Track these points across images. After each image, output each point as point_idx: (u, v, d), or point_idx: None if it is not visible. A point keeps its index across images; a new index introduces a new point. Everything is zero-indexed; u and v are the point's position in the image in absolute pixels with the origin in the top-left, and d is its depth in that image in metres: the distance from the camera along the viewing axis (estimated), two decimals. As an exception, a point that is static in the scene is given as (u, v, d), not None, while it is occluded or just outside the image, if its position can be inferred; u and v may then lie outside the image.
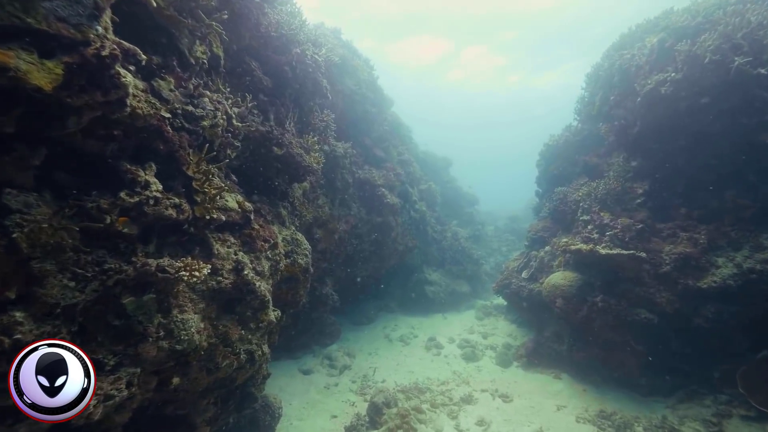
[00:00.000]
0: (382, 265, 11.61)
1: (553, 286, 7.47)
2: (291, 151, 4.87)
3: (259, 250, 4.16)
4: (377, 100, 10.76)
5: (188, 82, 2.82)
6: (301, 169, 5.11)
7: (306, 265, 5.35)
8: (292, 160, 4.91)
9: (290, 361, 8.95)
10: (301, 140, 5.24)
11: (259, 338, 4.05)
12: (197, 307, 3.22)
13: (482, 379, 8.40)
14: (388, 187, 10.59)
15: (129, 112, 2.14)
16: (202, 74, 3.21)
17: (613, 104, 7.12)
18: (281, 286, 5.15)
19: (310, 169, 5.18)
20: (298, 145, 5.05)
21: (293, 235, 5.33)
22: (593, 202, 7.39)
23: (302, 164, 5.02)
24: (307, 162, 5.07)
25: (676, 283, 6.28)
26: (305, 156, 5.07)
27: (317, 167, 5.31)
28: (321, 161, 5.47)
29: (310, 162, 5.11)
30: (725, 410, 5.96)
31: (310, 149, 5.29)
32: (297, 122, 6.00)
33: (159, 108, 2.47)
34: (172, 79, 2.69)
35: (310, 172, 5.30)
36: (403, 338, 10.76)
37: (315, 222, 8.20)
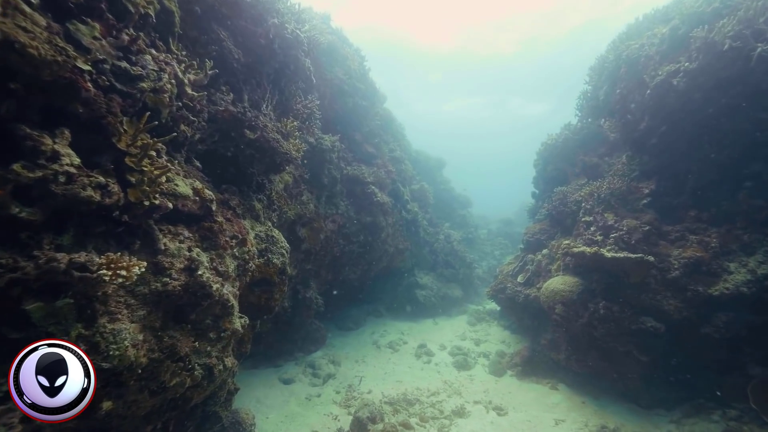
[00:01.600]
0: (372, 267, 11.04)
1: (553, 292, 6.97)
2: (266, 136, 4.30)
3: (222, 247, 3.57)
4: (368, 93, 10.22)
5: (122, 33, 2.25)
6: (278, 156, 4.53)
7: (282, 266, 4.76)
8: (267, 146, 4.34)
9: (270, 370, 8.32)
10: (279, 125, 4.67)
11: (221, 350, 3.45)
12: (135, 314, 2.63)
13: (475, 390, 7.88)
14: (379, 185, 10.04)
15: (19, 51, 1.57)
16: (147, 30, 2.64)
17: (619, 98, 6.68)
18: (253, 290, 4.56)
19: (289, 157, 4.61)
20: (274, 130, 4.48)
21: (269, 232, 4.75)
22: (596, 203, 6.93)
23: (279, 151, 4.44)
24: (285, 149, 4.50)
25: (686, 289, 5.82)
26: (282, 142, 4.50)
27: (297, 155, 4.74)
28: (301, 149, 4.90)
29: (288, 149, 4.54)
30: (735, 427, 5.51)
31: (288, 135, 4.72)
32: (277, 107, 5.42)
33: (73, 57, 1.89)
34: (98, 26, 2.12)
35: (288, 161, 4.72)
36: (392, 345, 10.19)
37: (298, 220, 7.61)
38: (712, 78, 5.28)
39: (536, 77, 39.39)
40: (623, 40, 6.91)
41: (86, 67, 1.99)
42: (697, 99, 5.66)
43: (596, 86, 7.36)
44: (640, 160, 6.82)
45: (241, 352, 4.88)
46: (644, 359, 6.43)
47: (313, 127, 6.30)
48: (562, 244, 6.71)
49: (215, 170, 4.53)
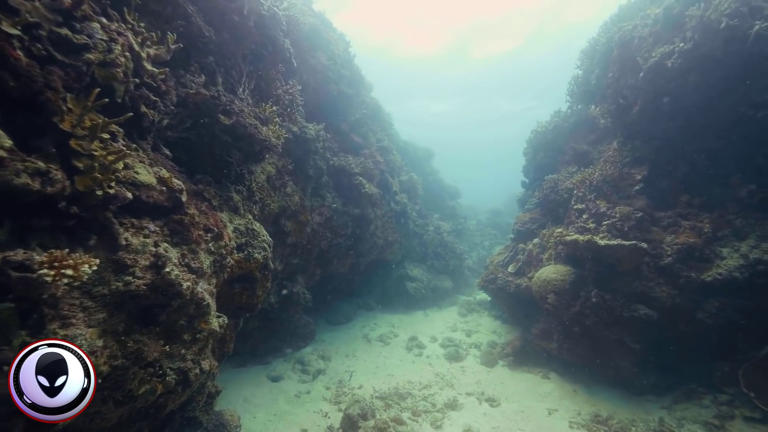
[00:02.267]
0: (361, 260, 10.82)
1: (545, 281, 6.86)
2: (242, 121, 4.00)
3: (195, 242, 3.29)
4: (354, 80, 9.88)
5: (61, -5, 1.95)
6: (257, 143, 4.24)
7: (265, 261, 4.50)
8: (244, 132, 4.04)
9: (258, 367, 8.08)
10: (257, 110, 4.36)
11: (197, 353, 3.20)
12: (93, 318, 2.35)
13: (467, 381, 7.77)
14: (367, 176, 9.77)
15: None
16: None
17: (611, 82, 6.52)
18: (233, 286, 4.29)
19: (268, 144, 4.31)
20: (251, 115, 4.18)
21: (249, 225, 4.47)
22: (588, 190, 6.80)
23: (257, 137, 4.15)
24: (264, 135, 4.20)
25: (678, 276, 5.75)
26: (261, 128, 4.20)
27: (276, 143, 4.44)
28: (282, 136, 4.60)
29: (267, 136, 4.24)
30: (727, 411, 5.49)
31: (267, 121, 4.42)
32: (255, 92, 5.11)
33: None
34: (29, -16, 1.82)
35: (267, 149, 4.43)
36: (382, 338, 10.03)
37: (283, 213, 7.32)
38: (708, 59, 5.14)
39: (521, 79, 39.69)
40: (615, 22, 6.73)
41: (14, 31, 1.68)
42: (692, 81, 5.52)
43: (587, 70, 7.19)
44: (633, 145, 6.70)
45: (224, 353, 4.63)
46: (636, 347, 6.39)
47: (295, 114, 5.99)
48: (555, 233, 6.58)
49: (189, 159, 4.22)
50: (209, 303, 3.26)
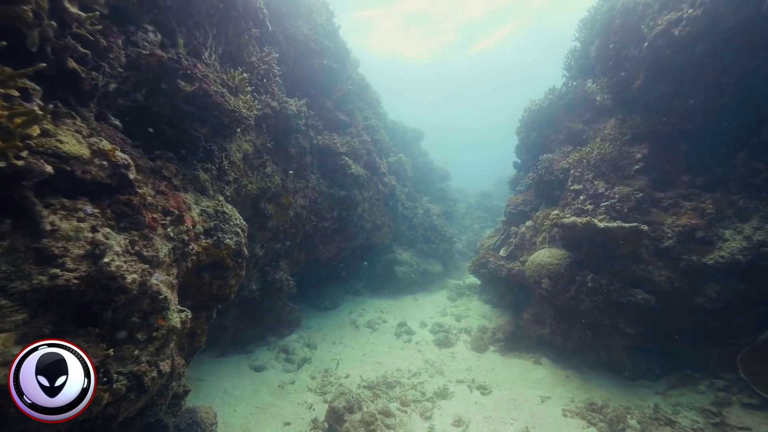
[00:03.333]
0: (348, 244, 10.43)
1: (539, 265, 6.58)
2: (206, 89, 3.48)
3: (149, 226, 2.83)
4: (339, 53, 9.25)
5: None
6: (225, 114, 3.73)
7: (237, 247, 4.05)
8: (209, 101, 3.53)
9: (240, 357, 7.73)
10: (225, 76, 3.84)
11: (154, 353, 2.78)
12: (8, 320, 1.91)
13: (457, 368, 7.57)
14: (353, 156, 9.28)
15: None
16: None
17: (612, 53, 6.11)
18: (201, 275, 3.85)
19: (238, 116, 3.81)
20: (217, 82, 3.66)
21: (219, 208, 4.00)
22: (585, 170, 6.47)
23: (224, 108, 3.64)
24: (233, 105, 3.70)
25: (679, 259, 5.51)
26: (229, 97, 3.69)
27: (248, 114, 3.94)
28: (255, 107, 4.10)
29: (236, 106, 3.74)
30: (724, 397, 5.36)
31: (237, 89, 3.90)
32: (224, 59, 4.55)
33: None
34: None
35: (238, 121, 3.93)
36: (370, 324, 9.76)
37: (263, 194, 6.83)
38: (718, 27, 4.76)
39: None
40: (618, -12, 6.28)
41: None
42: (700, 52, 5.15)
43: (586, 41, 6.75)
44: (633, 122, 6.35)
45: (194, 347, 4.22)
46: (631, 332, 6.20)
47: (272, 86, 5.44)
48: (551, 215, 6.26)
49: (147, 133, 3.71)
50: (167, 296, 2.83)
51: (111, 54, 2.87)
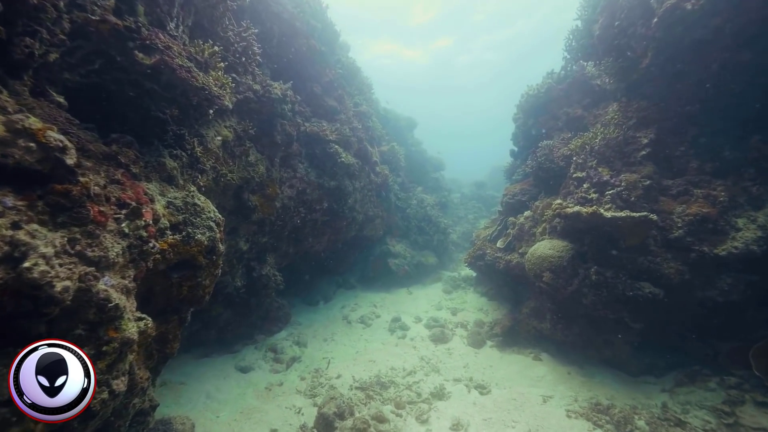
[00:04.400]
0: (339, 237, 10.00)
1: (539, 258, 6.24)
2: (168, 62, 3.00)
3: (96, 221, 2.38)
4: (327, 35, 8.72)
5: None
6: (193, 93, 3.26)
7: (211, 243, 3.61)
8: (173, 77, 3.05)
9: (225, 357, 7.32)
10: (192, 49, 3.35)
11: (105, 370, 2.36)
12: None
13: (454, 365, 7.26)
14: (343, 144, 8.81)
15: None
16: None
17: (618, 32, 5.71)
18: (169, 276, 3.41)
19: (209, 94, 3.34)
20: (182, 54, 3.18)
21: (189, 199, 3.55)
22: (588, 156, 6.10)
23: (192, 84, 3.17)
24: (201, 82, 3.22)
25: (689, 250, 5.20)
26: (197, 73, 3.21)
27: (220, 93, 3.47)
28: (228, 85, 3.62)
29: (205, 83, 3.26)
30: (737, 395, 5.09)
31: (208, 64, 3.43)
32: (196, 32, 4.05)
33: None
34: None
35: (209, 101, 3.45)
36: (363, 319, 9.41)
37: (246, 185, 6.36)
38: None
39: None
40: (625, -39, 5.85)
41: None
42: (714, 27, 4.76)
43: (589, 20, 6.34)
44: (638, 105, 5.98)
45: (165, 354, 3.80)
46: (636, 326, 5.91)
47: (252, 65, 4.95)
48: (553, 205, 5.90)
49: (103, 114, 3.23)
50: (119, 304, 2.40)
51: (45, 14, 2.38)
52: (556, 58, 9.07)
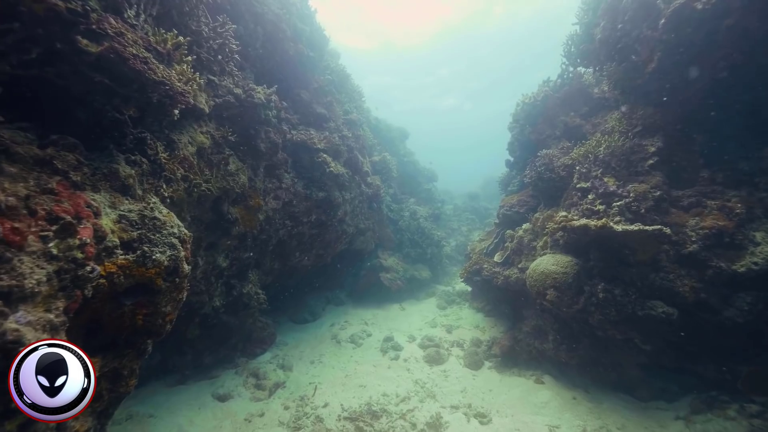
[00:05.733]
0: (328, 251, 9.49)
1: (542, 274, 5.81)
2: (119, 50, 2.54)
3: (8, 240, 1.87)
4: (316, 40, 8.35)
5: None
6: (151, 88, 2.79)
7: (173, 263, 3.10)
8: (126, 69, 2.58)
9: (202, 383, 6.69)
10: (151, 39, 2.89)
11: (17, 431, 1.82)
12: None
13: (451, 390, 6.74)
14: (333, 153, 8.37)
15: None
16: None
17: (622, 35, 5.42)
18: (120, 302, 2.88)
19: (169, 90, 2.87)
20: (139, 44, 2.71)
21: (147, 212, 3.04)
22: (593, 166, 5.74)
23: (149, 78, 2.70)
24: (161, 76, 2.75)
25: (705, 266, 4.81)
26: (155, 65, 2.74)
27: (185, 89, 3.00)
28: (197, 82, 3.17)
29: (166, 77, 2.79)
30: (761, 425, 4.66)
31: (171, 57, 2.97)
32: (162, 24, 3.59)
33: None
34: None
35: (172, 99, 2.98)
36: (354, 338, 8.85)
37: (225, 196, 5.86)
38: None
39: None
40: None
41: None
42: (726, 28, 4.47)
43: (590, 23, 6.05)
44: (644, 112, 5.66)
45: (119, 394, 3.22)
46: (646, 348, 5.48)
47: (230, 65, 4.50)
48: (557, 217, 5.50)
49: (44, 111, 2.74)
50: (35, 347, 1.87)
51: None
52: (531, 82, 8.82)
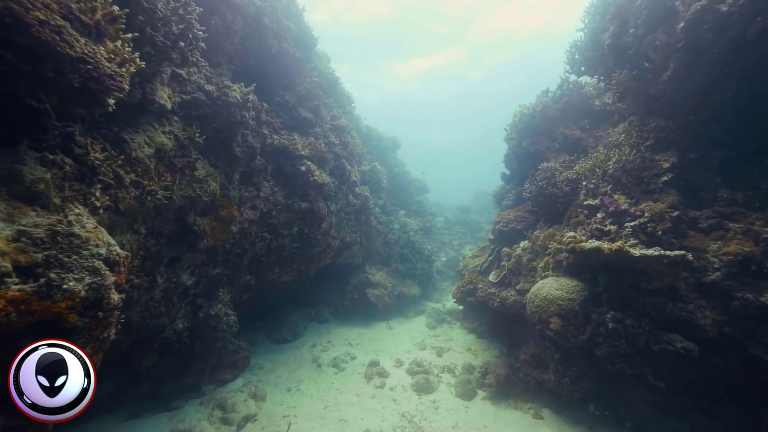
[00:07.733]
0: (311, 266, 8.80)
1: (545, 300, 5.22)
2: (17, 13, 1.90)
3: None
4: (302, 39, 7.79)
5: None
6: (67, 67, 2.14)
7: (94, 294, 2.41)
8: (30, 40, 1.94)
9: (161, 416, 5.91)
10: (73, 4, 2.25)
11: None
12: None
13: (441, 425, 6.07)
14: (317, 161, 7.75)
15: None
16: None
17: (634, 40, 4.98)
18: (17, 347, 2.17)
19: (93, 71, 2.22)
20: (53, 8, 2.07)
21: (61, 228, 2.36)
22: (601, 181, 5.23)
23: (61, 54, 2.05)
24: (80, 52, 2.11)
25: (730, 297, 4.28)
26: (74, 37, 2.10)
27: (117, 72, 2.36)
28: (135, 62, 2.52)
29: (89, 53, 2.15)
30: (792, 481, 4.09)
31: (100, 30, 2.33)
32: None
33: None
34: None
35: (96, 81, 2.33)
36: (336, 362, 8.12)
37: (191, 206, 5.18)
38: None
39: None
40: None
41: None
42: (753, 33, 4.03)
43: (596, 29, 5.60)
44: (656, 124, 5.19)
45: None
46: (660, 385, 4.90)
47: (195, 54, 3.86)
48: (565, 237, 4.95)
49: None
50: None
51: None
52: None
